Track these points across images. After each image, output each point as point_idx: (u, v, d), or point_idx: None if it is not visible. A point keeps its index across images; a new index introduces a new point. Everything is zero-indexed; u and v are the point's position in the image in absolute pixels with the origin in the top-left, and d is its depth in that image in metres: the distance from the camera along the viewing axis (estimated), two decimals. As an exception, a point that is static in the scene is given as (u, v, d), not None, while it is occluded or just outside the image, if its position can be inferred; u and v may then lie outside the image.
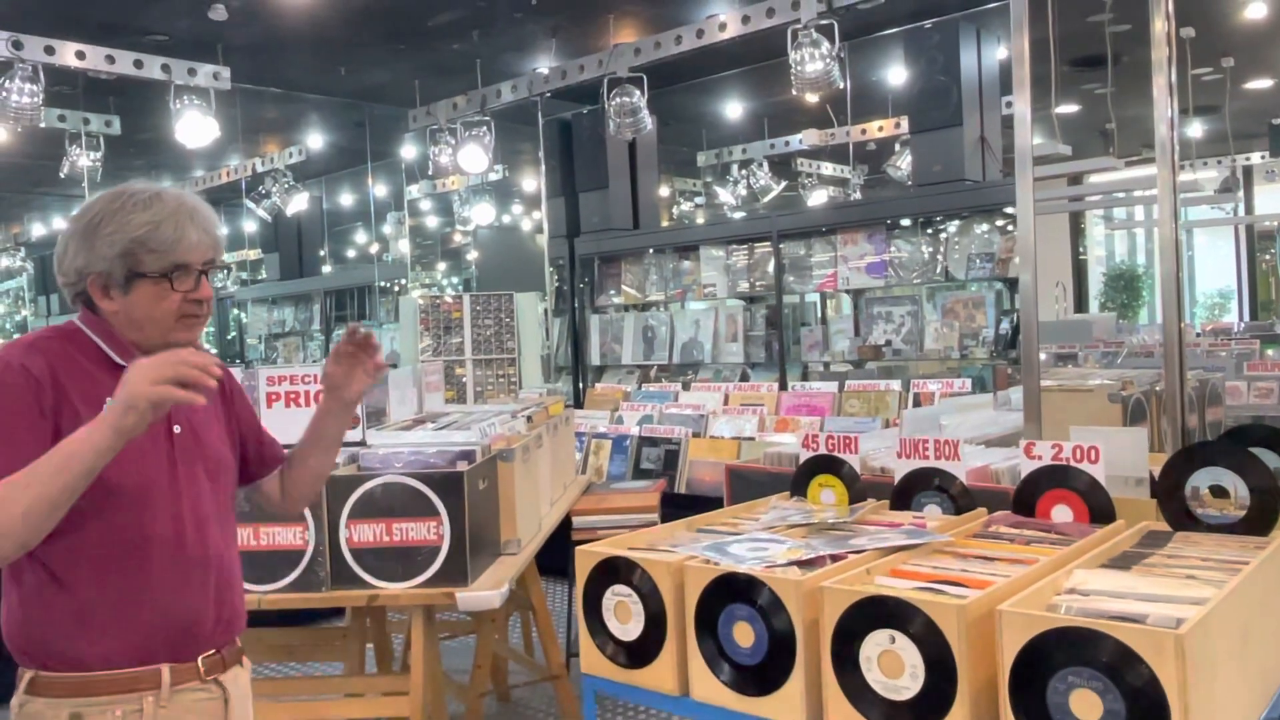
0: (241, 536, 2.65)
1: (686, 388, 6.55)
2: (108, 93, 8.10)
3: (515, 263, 10.88)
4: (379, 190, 11.69)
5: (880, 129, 9.43)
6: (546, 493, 3.86)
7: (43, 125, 6.70)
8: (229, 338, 14.31)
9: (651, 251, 8.15)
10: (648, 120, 6.97)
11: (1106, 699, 1.42)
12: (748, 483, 3.05)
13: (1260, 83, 10.11)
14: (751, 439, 5.52)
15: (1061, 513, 2.18)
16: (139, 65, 6.68)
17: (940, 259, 6.58)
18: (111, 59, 6.57)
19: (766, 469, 3.11)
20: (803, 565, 1.85)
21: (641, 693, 1.94)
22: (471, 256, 11.86)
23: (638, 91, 6.84)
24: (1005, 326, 6.29)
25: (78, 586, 1.64)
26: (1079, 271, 13.27)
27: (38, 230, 15.48)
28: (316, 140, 10.55)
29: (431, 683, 2.94)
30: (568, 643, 4.30)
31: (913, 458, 2.43)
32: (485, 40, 7.86)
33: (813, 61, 5.77)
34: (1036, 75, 2.94)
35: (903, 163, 9.00)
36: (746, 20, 6.32)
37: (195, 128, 6.87)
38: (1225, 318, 13.64)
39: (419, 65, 8.44)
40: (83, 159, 8.21)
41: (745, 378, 7.32)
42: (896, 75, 8.48)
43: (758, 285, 7.49)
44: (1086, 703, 1.44)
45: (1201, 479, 2.06)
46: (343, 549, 2.86)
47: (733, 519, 2.33)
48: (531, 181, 11.29)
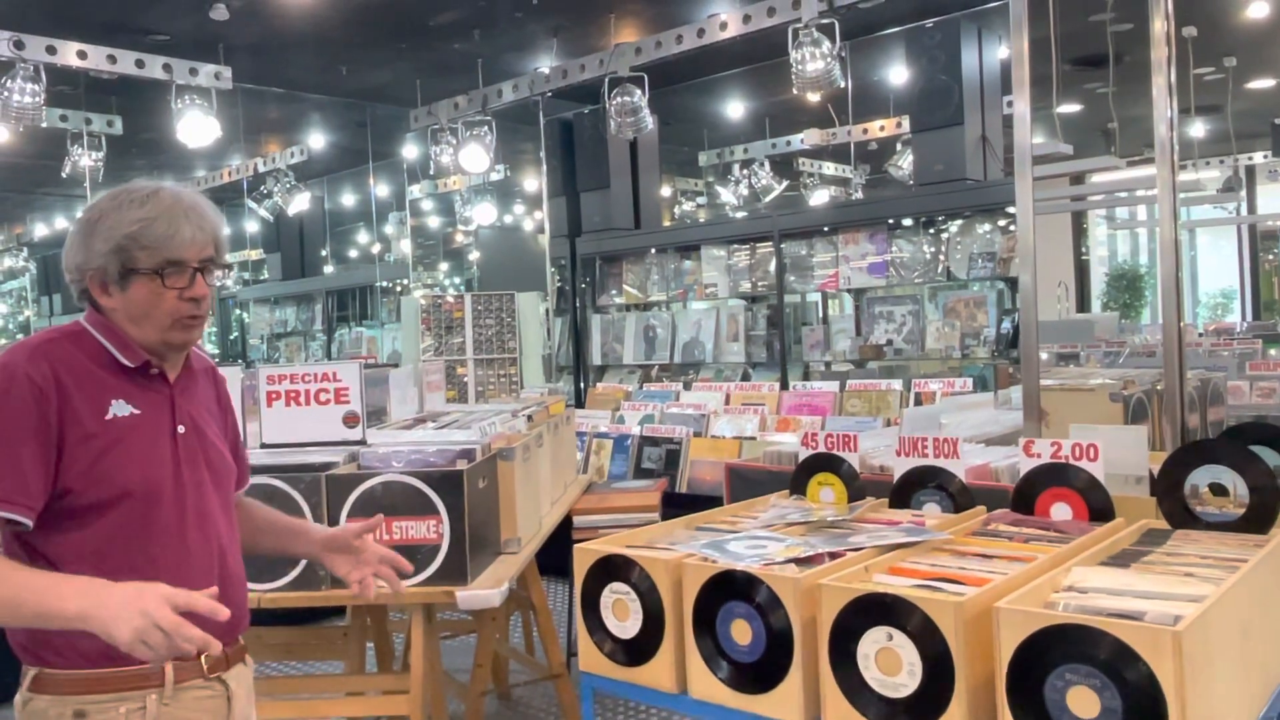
0: (241, 535, 2.65)
1: (688, 387, 6.54)
2: (110, 92, 8.11)
3: (517, 262, 10.88)
4: (381, 190, 11.69)
5: (881, 128, 9.43)
6: (547, 492, 3.86)
7: (44, 125, 6.70)
8: (231, 338, 14.32)
9: (653, 251, 8.15)
10: (649, 120, 6.96)
11: (1104, 696, 1.42)
12: (747, 481, 3.05)
13: (1262, 82, 10.10)
14: (753, 439, 5.51)
15: (1060, 511, 2.18)
16: (140, 65, 6.68)
17: (942, 259, 6.58)
18: (113, 59, 6.57)
19: (766, 468, 3.11)
20: (801, 563, 1.85)
21: (640, 690, 1.94)
22: (473, 256, 11.86)
23: (639, 91, 6.84)
24: (1006, 326, 6.28)
25: None
26: (1081, 271, 13.24)
27: (40, 231, 15.50)
28: (318, 140, 10.55)
29: (432, 681, 2.94)
30: (568, 642, 4.30)
31: (912, 456, 2.43)
32: (486, 40, 7.86)
33: (814, 61, 5.76)
34: (1038, 74, 2.94)
35: (904, 162, 9.00)
36: (747, 19, 6.32)
37: (197, 127, 6.88)
38: (1228, 317, 13.62)
39: (420, 65, 8.45)
40: (84, 159, 8.22)
41: (746, 377, 7.32)
42: (898, 74, 8.48)
43: (759, 285, 7.49)
44: (1084, 700, 1.44)
45: (1201, 477, 2.06)
46: (343, 548, 2.86)
47: (732, 517, 2.33)
48: (533, 181, 11.30)
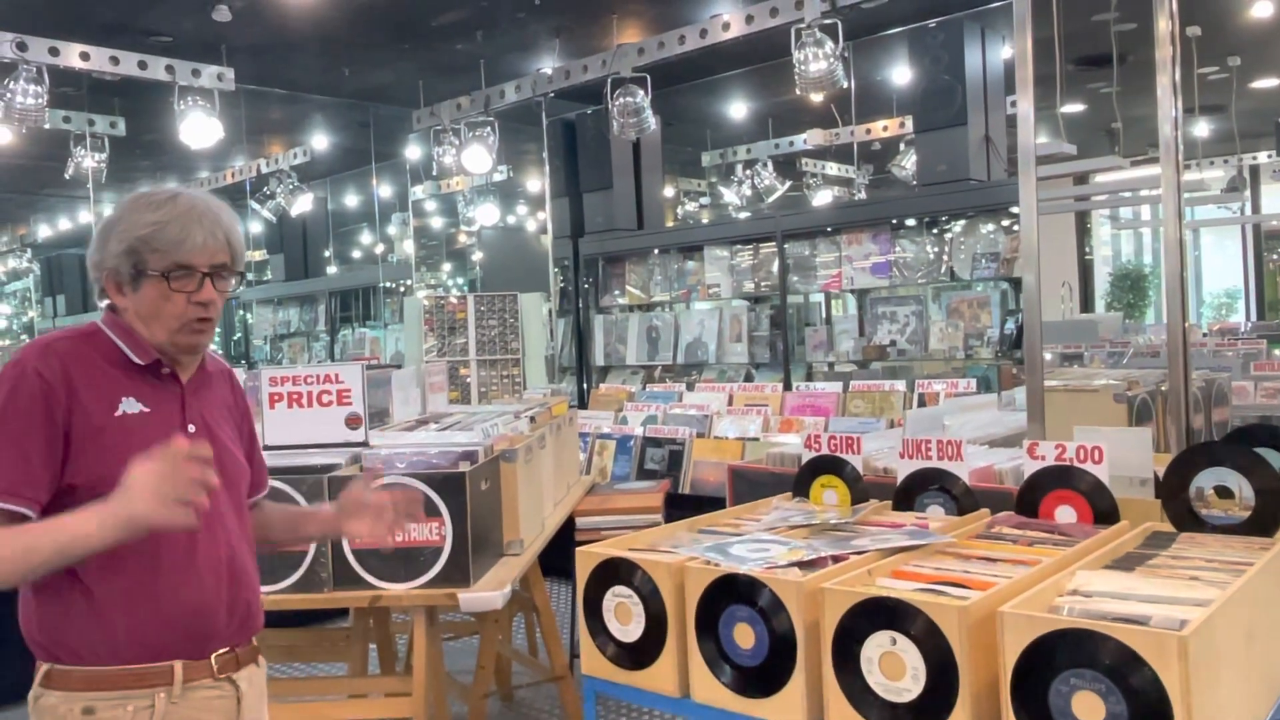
0: (243, 537, 2.64)
1: (691, 388, 6.54)
2: (112, 94, 8.12)
3: (520, 263, 10.86)
4: (383, 191, 11.69)
5: (885, 129, 9.41)
6: (550, 493, 3.85)
7: (47, 126, 6.70)
8: (234, 338, 14.33)
9: (656, 252, 8.14)
10: (651, 120, 6.96)
11: (1109, 701, 1.41)
12: (750, 483, 3.04)
13: (1267, 82, 10.07)
14: (756, 439, 5.50)
15: (1065, 513, 2.17)
16: (143, 66, 6.69)
17: (945, 259, 6.57)
18: (116, 60, 6.58)
19: (769, 469, 3.11)
20: (804, 566, 1.84)
21: (642, 694, 1.94)
22: (476, 257, 11.86)
23: (641, 91, 6.83)
24: (1010, 326, 6.27)
25: (91, 582, 1.66)
26: (1085, 271, 13.21)
27: (44, 232, 15.51)
28: (321, 141, 10.55)
29: (434, 683, 2.94)
30: (571, 643, 4.29)
31: (915, 458, 2.42)
32: (489, 40, 7.86)
33: (816, 61, 5.76)
34: (1042, 74, 2.92)
35: (907, 162, 8.98)
36: (750, 20, 6.31)
37: (200, 129, 6.88)
38: (1232, 317, 13.59)
39: (423, 66, 8.45)
40: (88, 160, 8.23)
41: (750, 378, 7.31)
42: (901, 75, 8.45)
43: (762, 285, 7.48)
44: (1089, 705, 1.43)
45: (1206, 479, 2.05)
46: (345, 550, 2.86)
47: (735, 520, 2.32)
48: (536, 182, 11.30)
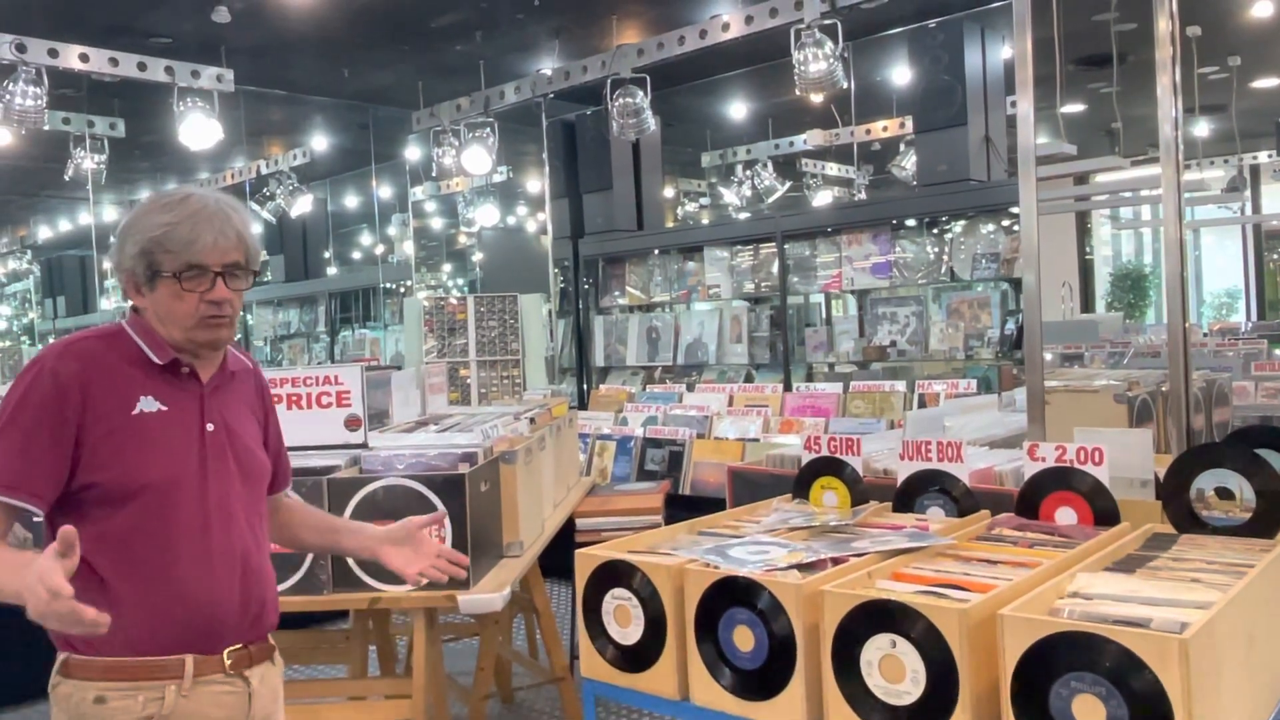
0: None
1: (691, 389, 6.53)
2: (112, 95, 8.11)
3: (520, 264, 10.86)
4: (383, 192, 11.68)
5: (885, 129, 9.40)
6: (550, 494, 3.85)
7: (47, 128, 6.69)
8: (235, 340, 14.31)
9: (656, 252, 8.14)
10: (651, 121, 6.95)
11: (1110, 704, 1.41)
12: (750, 484, 3.03)
13: (1267, 81, 10.07)
14: (756, 440, 5.50)
15: (1065, 515, 2.17)
16: (142, 68, 6.68)
17: (945, 259, 6.56)
18: (115, 61, 6.57)
19: (769, 471, 3.10)
20: (804, 569, 1.84)
21: (642, 697, 1.93)
22: (476, 258, 11.85)
23: (641, 92, 6.83)
24: (1010, 327, 6.26)
25: (106, 574, 1.69)
26: (1085, 271, 13.20)
27: (44, 233, 15.50)
28: (320, 142, 10.54)
29: (434, 685, 2.93)
30: (571, 645, 4.29)
31: (915, 459, 2.42)
32: (488, 41, 7.85)
33: (816, 62, 5.75)
34: (1042, 74, 2.92)
35: (907, 163, 8.97)
36: (750, 20, 6.31)
37: (199, 130, 6.87)
38: (1233, 317, 13.59)
39: (422, 67, 8.44)
40: (87, 161, 8.22)
41: (750, 379, 7.30)
42: (901, 75, 8.45)
43: (762, 286, 7.47)
44: (1089, 708, 1.42)
45: (1207, 481, 2.04)
46: (344, 552, 2.85)
47: (734, 521, 2.32)
48: (536, 183, 11.29)
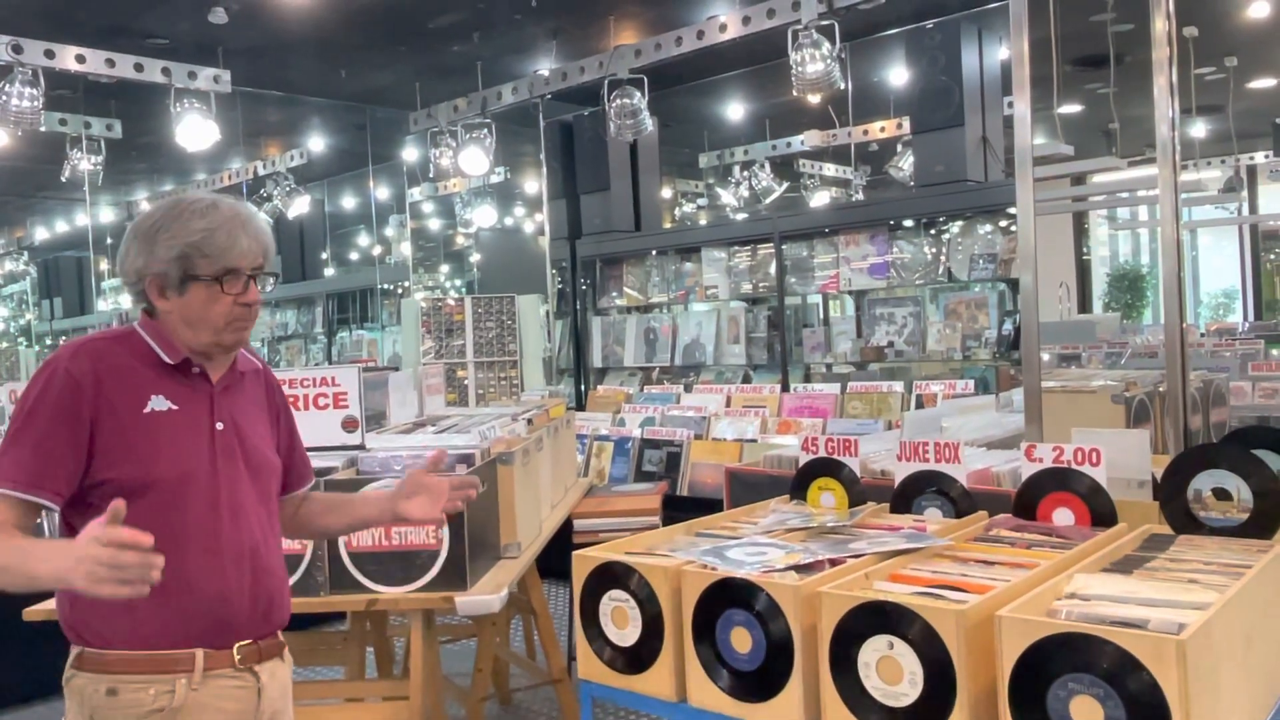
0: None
1: (689, 389, 6.53)
2: (108, 96, 8.10)
3: (517, 265, 10.86)
4: (380, 193, 11.68)
5: (882, 129, 9.40)
6: (547, 496, 3.84)
7: (43, 129, 6.69)
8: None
9: (653, 253, 8.14)
10: (648, 122, 6.95)
11: (1107, 705, 1.41)
12: (747, 485, 3.03)
13: (1264, 82, 10.08)
14: (754, 441, 5.50)
15: (1063, 516, 2.17)
16: (139, 69, 6.67)
17: (943, 260, 6.56)
18: (111, 62, 6.56)
19: (766, 472, 3.10)
20: (801, 570, 1.84)
21: (639, 699, 1.93)
22: (474, 259, 11.85)
23: (638, 93, 6.83)
24: (1008, 327, 6.26)
25: None
26: (1083, 272, 13.22)
27: (40, 234, 15.48)
28: (318, 143, 10.54)
29: (431, 687, 2.93)
30: (569, 646, 4.28)
31: (913, 460, 2.42)
32: (486, 42, 7.85)
33: (813, 62, 5.75)
34: (1039, 75, 2.92)
35: (905, 163, 8.97)
36: (747, 21, 6.30)
37: (196, 131, 6.86)
38: (1230, 318, 13.60)
39: (419, 67, 8.44)
40: (84, 163, 8.21)
41: (747, 379, 7.30)
42: (898, 76, 8.46)
43: (760, 287, 7.48)
44: (1087, 709, 1.42)
45: (1204, 481, 2.05)
46: (341, 553, 2.85)
47: (732, 522, 2.32)
48: (533, 183, 11.28)
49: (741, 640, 1.76)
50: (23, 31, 6.22)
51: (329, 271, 13.04)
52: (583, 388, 8.21)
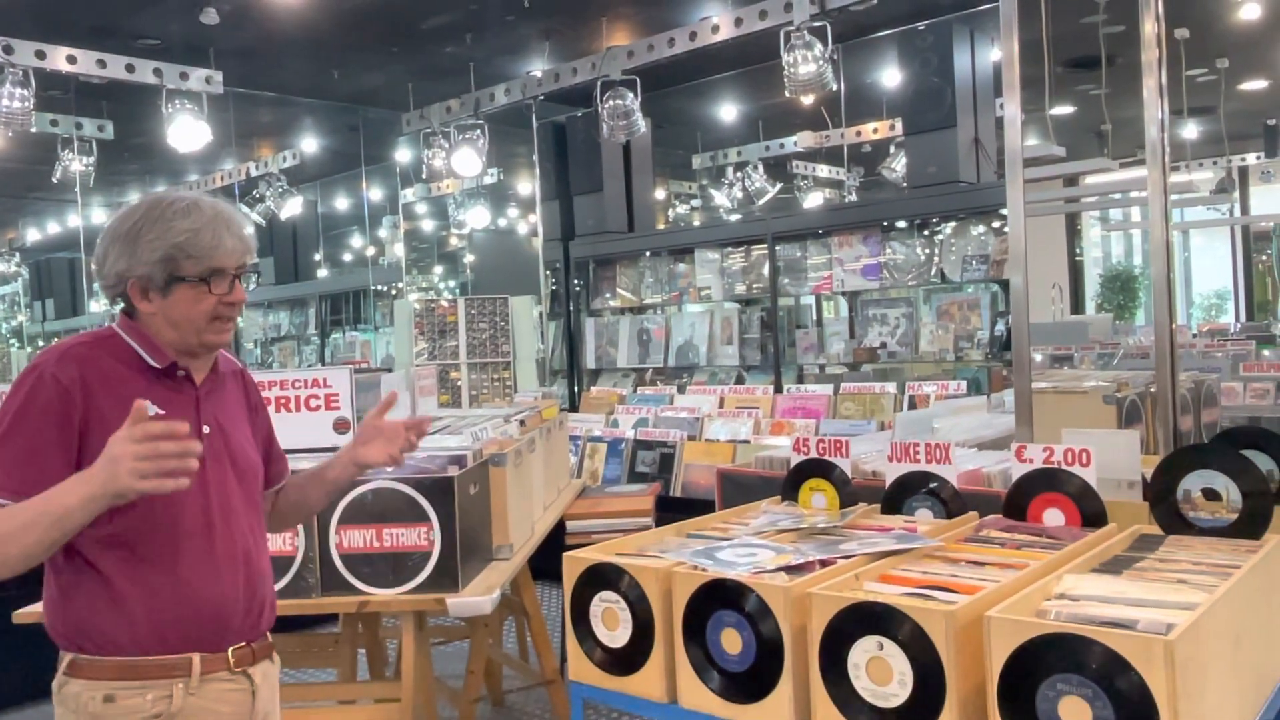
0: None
1: (682, 390, 6.53)
2: (100, 97, 8.07)
3: (510, 266, 10.84)
4: (373, 194, 11.66)
5: (875, 131, 9.41)
6: (540, 497, 3.84)
7: (34, 130, 6.66)
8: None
9: (647, 254, 8.13)
10: (641, 123, 6.95)
11: (1096, 706, 1.41)
12: (739, 487, 3.03)
13: (1255, 84, 10.11)
14: (747, 442, 5.50)
15: (1053, 516, 2.17)
16: (130, 69, 6.64)
17: (935, 261, 6.57)
18: (103, 63, 6.54)
19: (758, 473, 3.10)
20: (791, 571, 1.84)
21: (630, 700, 1.93)
22: (467, 260, 11.84)
23: (631, 94, 6.82)
24: (1000, 328, 6.27)
25: (112, 576, 1.72)
26: (1075, 273, 13.26)
27: (32, 235, 15.43)
28: (310, 144, 10.52)
29: (423, 689, 2.93)
30: (562, 648, 4.28)
31: (904, 461, 2.42)
32: (478, 43, 7.84)
33: (806, 64, 5.75)
34: (1031, 76, 2.93)
35: (897, 165, 8.98)
36: (739, 22, 6.30)
37: (188, 132, 6.84)
38: (1222, 318, 13.65)
39: (412, 68, 8.43)
40: (75, 164, 8.18)
41: (741, 380, 7.31)
42: (890, 77, 8.46)
43: (753, 288, 7.48)
44: (1076, 710, 1.43)
45: (1193, 482, 2.05)
46: (333, 555, 2.84)
47: (723, 524, 2.32)
48: (526, 185, 11.27)
49: (732, 641, 1.77)
50: (13, 32, 6.20)
51: (322, 273, 13.02)
52: (576, 389, 8.21)
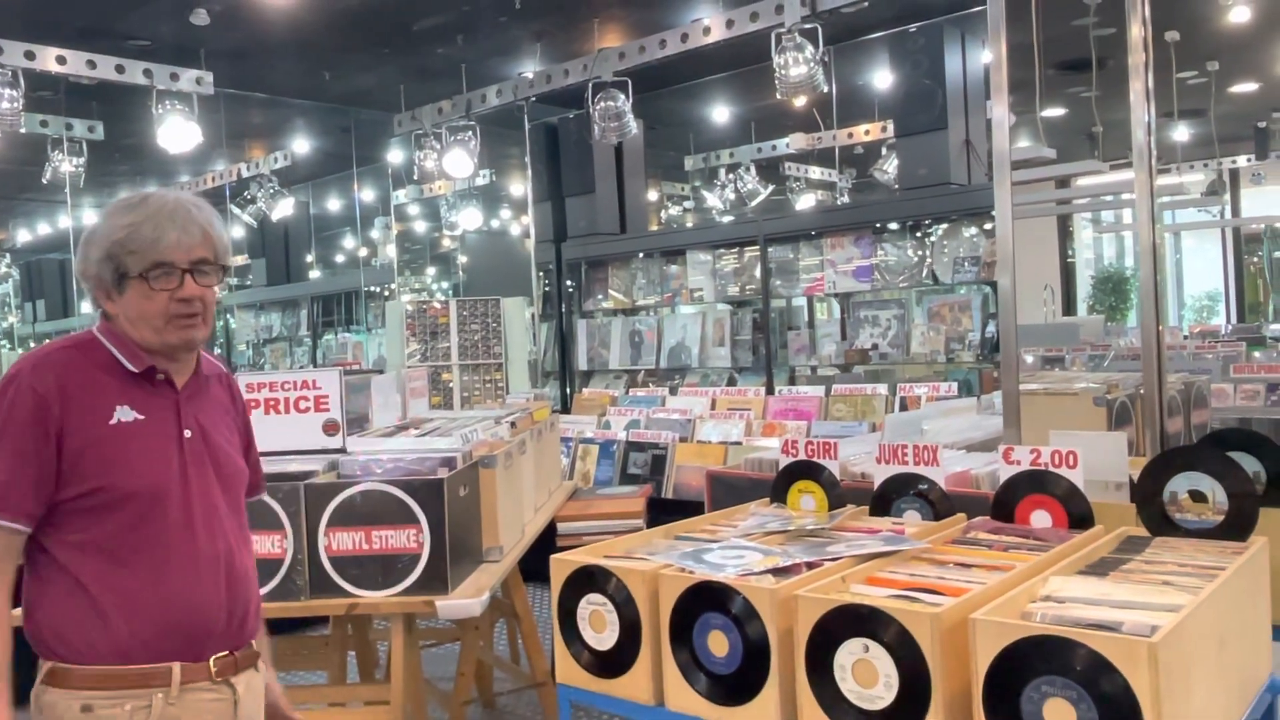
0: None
1: (674, 392, 6.53)
2: (91, 98, 8.05)
3: (503, 267, 10.85)
4: (365, 195, 11.65)
5: (866, 133, 9.43)
6: (530, 499, 3.83)
7: (24, 131, 6.64)
8: (217, 344, 14.25)
9: (639, 256, 8.13)
10: (632, 124, 6.95)
11: (1080, 708, 1.41)
12: (729, 488, 3.03)
13: (1245, 86, 10.14)
14: (738, 443, 5.50)
15: (1040, 518, 2.18)
16: (121, 70, 6.63)
17: (927, 262, 6.58)
18: (93, 64, 6.52)
19: (748, 475, 3.10)
20: (779, 573, 1.84)
21: (617, 702, 1.93)
22: (460, 261, 11.84)
23: (622, 96, 6.82)
24: (991, 330, 6.28)
25: (92, 584, 1.69)
26: (1067, 274, 13.29)
27: (23, 236, 15.39)
28: (302, 145, 10.51)
29: (413, 691, 2.92)
30: (553, 650, 4.27)
31: (892, 463, 2.42)
32: (470, 44, 7.84)
33: (797, 65, 5.76)
34: (1022, 79, 2.93)
35: (889, 166, 9.00)
36: (730, 24, 6.31)
37: (178, 133, 6.83)
38: (1213, 320, 13.69)
39: (404, 70, 8.42)
40: (65, 164, 8.16)
41: (733, 382, 7.31)
42: (882, 79, 8.48)
43: (745, 289, 7.48)
44: (1061, 712, 1.43)
45: (1180, 484, 2.05)
46: (321, 557, 2.83)
47: (711, 526, 2.32)
48: (518, 186, 11.28)
49: (719, 644, 1.76)
50: (3, 32, 6.18)
51: (314, 274, 13.00)
52: (568, 390, 8.20)
